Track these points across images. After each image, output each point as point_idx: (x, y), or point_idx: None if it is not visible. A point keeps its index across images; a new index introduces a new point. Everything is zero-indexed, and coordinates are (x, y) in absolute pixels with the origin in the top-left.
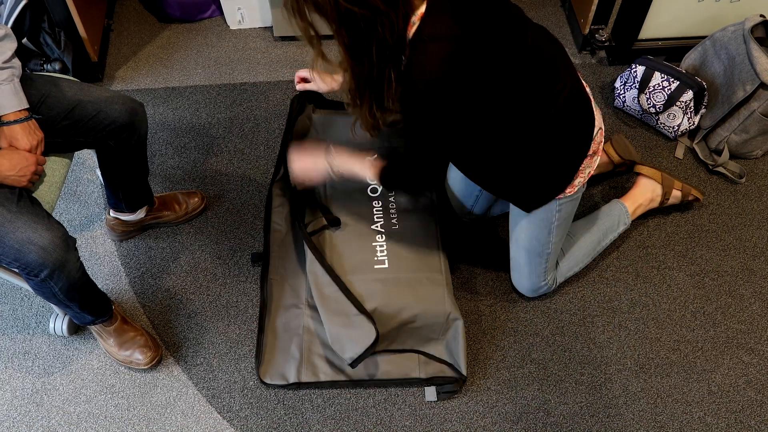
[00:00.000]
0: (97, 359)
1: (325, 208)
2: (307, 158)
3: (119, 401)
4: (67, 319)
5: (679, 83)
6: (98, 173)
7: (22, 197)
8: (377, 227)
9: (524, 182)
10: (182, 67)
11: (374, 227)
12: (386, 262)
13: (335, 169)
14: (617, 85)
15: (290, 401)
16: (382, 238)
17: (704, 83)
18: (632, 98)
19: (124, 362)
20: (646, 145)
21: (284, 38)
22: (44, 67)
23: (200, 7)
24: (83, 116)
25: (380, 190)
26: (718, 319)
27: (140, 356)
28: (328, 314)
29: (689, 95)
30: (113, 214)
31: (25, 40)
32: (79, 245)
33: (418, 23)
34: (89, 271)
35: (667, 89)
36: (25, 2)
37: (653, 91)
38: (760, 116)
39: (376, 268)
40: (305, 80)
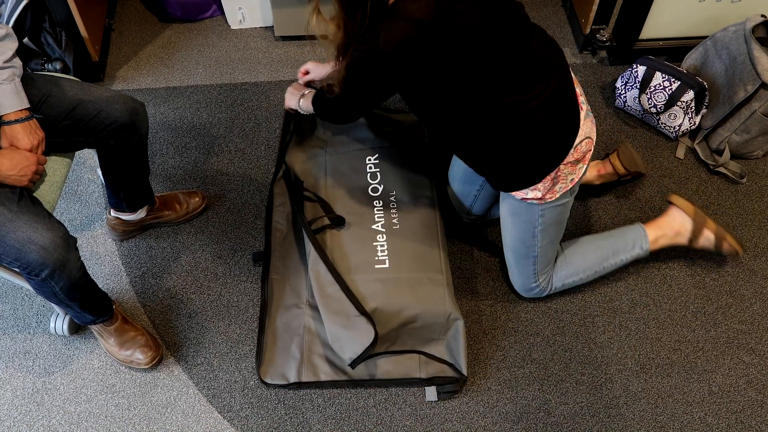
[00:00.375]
0: (97, 359)
1: (327, 206)
2: (292, 92)
3: (120, 401)
4: (67, 318)
5: (680, 83)
6: (99, 173)
7: (23, 197)
8: (378, 227)
9: (489, 163)
10: (183, 66)
11: (375, 227)
12: (387, 261)
13: (303, 108)
14: (618, 85)
15: (291, 401)
16: (383, 237)
17: (705, 83)
18: (633, 98)
19: (124, 362)
20: (647, 145)
21: (285, 38)
22: (45, 66)
23: (201, 6)
24: (84, 116)
25: (381, 189)
26: (718, 319)
27: (141, 356)
28: (328, 313)
29: (690, 95)
30: (114, 213)
31: (26, 39)
32: (79, 245)
33: None
34: (90, 270)
35: (668, 89)
36: (26, 2)
37: (654, 91)
38: (761, 116)
39: (376, 267)
40: (308, 73)
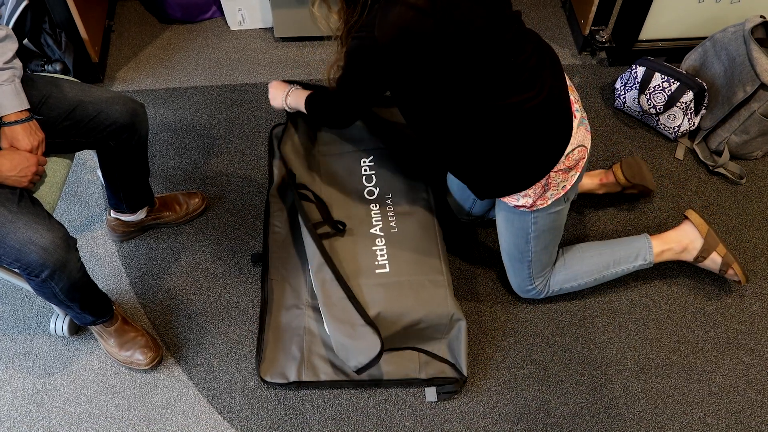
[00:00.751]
0: (97, 360)
1: (325, 209)
2: (276, 89)
3: (120, 402)
4: (67, 319)
5: (679, 84)
6: (99, 174)
7: (23, 198)
8: (376, 230)
9: (472, 169)
10: (183, 67)
11: (373, 231)
12: (387, 266)
13: (288, 105)
14: (617, 86)
15: (291, 401)
16: (381, 242)
17: (704, 84)
18: (632, 99)
19: (124, 363)
20: (646, 146)
21: (285, 39)
22: (45, 67)
23: (201, 7)
24: (84, 117)
25: (377, 192)
26: (718, 319)
27: (141, 357)
28: (333, 322)
29: (689, 96)
30: (114, 214)
31: (26, 41)
32: (79, 246)
33: None
34: (90, 271)
35: (667, 90)
36: (26, 3)
37: (653, 91)
38: (760, 117)
39: (377, 272)
40: None
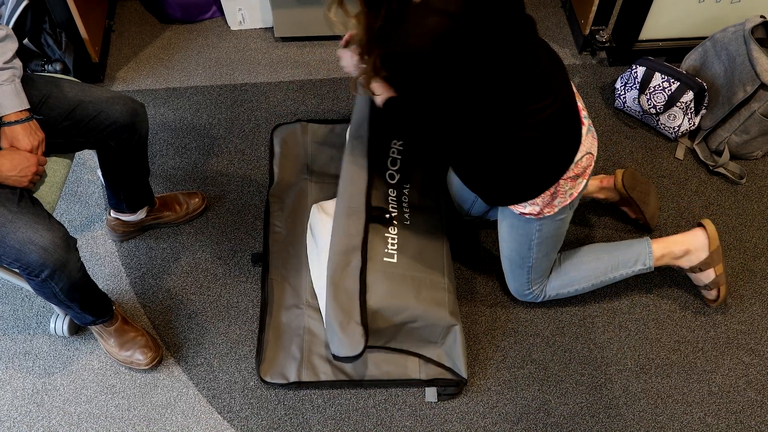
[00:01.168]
0: (97, 360)
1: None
2: (348, 56)
3: (120, 401)
4: (67, 319)
5: (679, 84)
6: (99, 174)
7: (23, 197)
8: (391, 217)
9: (486, 177)
10: (183, 67)
11: (388, 216)
12: (395, 256)
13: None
14: (618, 85)
15: (290, 401)
16: (394, 230)
17: (705, 84)
18: (633, 99)
19: (124, 362)
20: (646, 146)
21: (285, 39)
22: (45, 67)
23: (201, 7)
24: (84, 117)
25: (397, 178)
26: (718, 319)
27: (141, 357)
28: (334, 304)
29: (689, 96)
30: (114, 214)
31: (26, 40)
32: (79, 245)
33: None
34: (90, 271)
35: (667, 90)
36: (26, 3)
37: (654, 91)
38: (760, 117)
39: (384, 260)
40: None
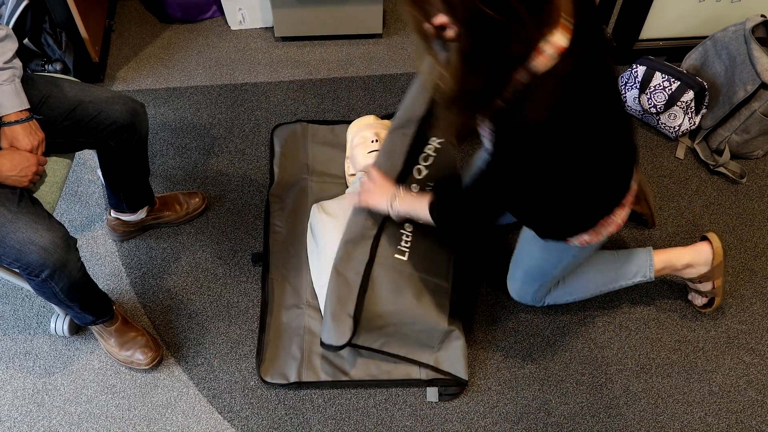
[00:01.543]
0: (98, 359)
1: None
2: (375, 194)
3: (120, 401)
4: (68, 319)
5: (679, 83)
6: (99, 173)
7: (23, 197)
8: None
9: (545, 214)
10: (183, 67)
11: None
12: (406, 254)
13: (396, 213)
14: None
15: (291, 401)
16: (410, 228)
17: (705, 83)
18: (633, 98)
19: (125, 362)
20: (647, 145)
21: (285, 39)
22: (45, 67)
23: (201, 7)
24: (84, 116)
25: (423, 174)
26: (718, 319)
27: (141, 356)
28: (332, 292)
29: (690, 95)
30: (114, 214)
31: (26, 40)
32: (80, 245)
33: (557, 58)
34: (90, 271)
35: (667, 89)
36: (26, 3)
37: (654, 91)
38: (760, 116)
39: (395, 257)
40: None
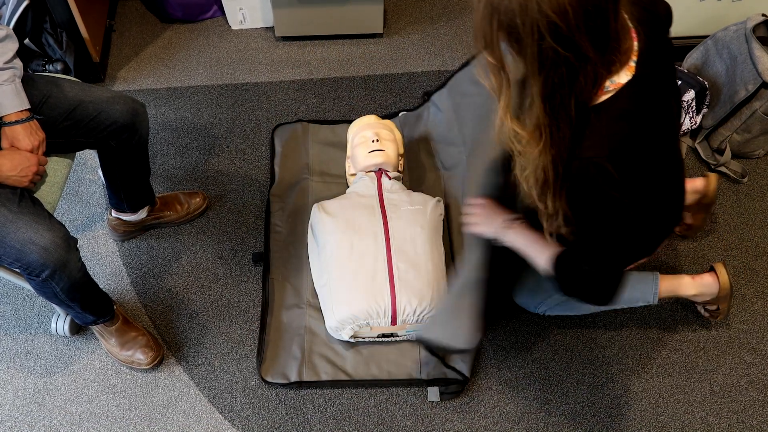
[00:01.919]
0: (98, 359)
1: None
2: (484, 219)
3: (121, 401)
4: (68, 319)
5: (680, 83)
6: (100, 173)
7: (23, 197)
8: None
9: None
10: (184, 67)
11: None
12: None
13: (505, 240)
14: None
15: (291, 401)
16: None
17: (706, 83)
18: None
19: (125, 362)
20: None
21: (285, 38)
22: (46, 67)
23: (202, 7)
24: (84, 116)
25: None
26: (719, 319)
27: (142, 356)
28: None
29: (691, 95)
30: (115, 214)
31: (27, 40)
32: (80, 245)
33: (613, 92)
34: (91, 271)
35: None
36: (26, 3)
37: None
38: (762, 116)
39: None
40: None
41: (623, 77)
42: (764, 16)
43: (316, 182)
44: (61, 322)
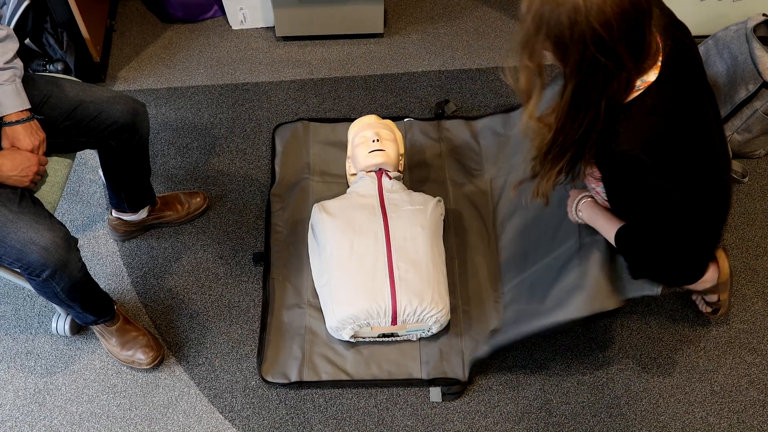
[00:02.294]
0: (99, 359)
1: None
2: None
3: (121, 401)
4: (69, 319)
5: None
6: (100, 173)
7: (24, 197)
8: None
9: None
10: (184, 67)
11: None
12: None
13: (579, 215)
14: None
15: (292, 401)
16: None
17: None
18: None
19: (126, 362)
20: None
21: (286, 38)
22: (47, 67)
23: (202, 7)
24: (85, 116)
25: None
26: (720, 318)
27: (142, 356)
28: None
29: None
30: (115, 214)
31: (27, 40)
32: (81, 245)
33: (642, 90)
34: (91, 271)
35: None
36: (27, 3)
37: None
38: (762, 116)
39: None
40: None
41: (651, 76)
42: (765, 15)
43: (316, 182)
44: (61, 322)
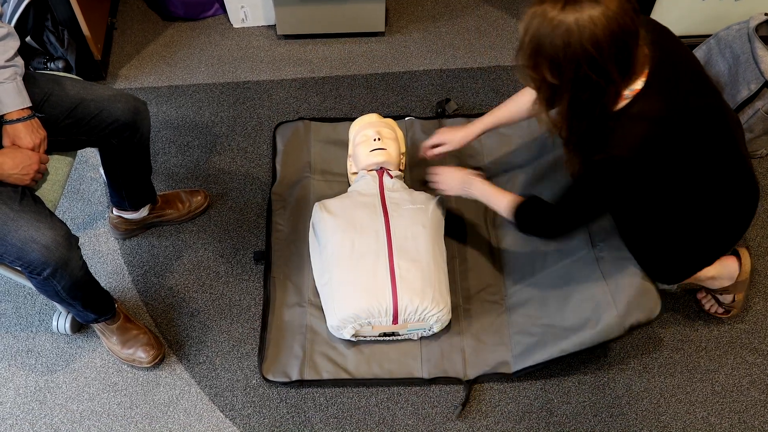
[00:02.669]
0: (100, 357)
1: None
2: (450, 175)
3: (122, 399)
4: (70, 317)
5: None
6: (101, 172)
7: (25, 196)
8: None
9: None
10: (185, 65)
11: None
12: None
13: (471, 193)
14: None
15: (293, 400)
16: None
17: None
18: None
19: (126, 360)
20: None
21: (287, 36)
22: (48, 65)
23: (204, 5)
24: (86, 115)
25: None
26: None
27: (143, 354)
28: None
29: None
30: (116, 212)
31: (28, 38)
32: (82, 243)
33: (630, 98)
34: (92, 269)
35: None
36: (28, 1)
37: None
38: (764, 115)
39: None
40: (435, 146)
41: (638, 84)
42: (767, 15)
43: (317, 181)
44: (62, 320)
